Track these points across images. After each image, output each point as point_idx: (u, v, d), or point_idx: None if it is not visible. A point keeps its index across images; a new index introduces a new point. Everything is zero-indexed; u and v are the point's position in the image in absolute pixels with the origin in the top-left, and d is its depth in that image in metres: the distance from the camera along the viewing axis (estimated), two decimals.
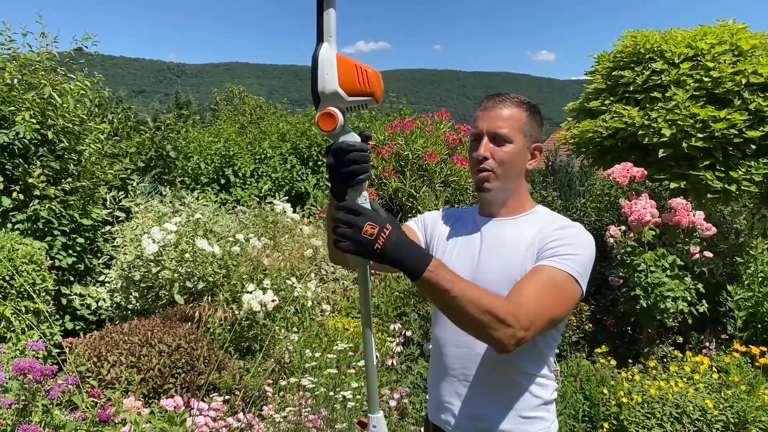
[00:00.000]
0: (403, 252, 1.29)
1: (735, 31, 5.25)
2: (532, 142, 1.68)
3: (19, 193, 4.86)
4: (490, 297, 1.40)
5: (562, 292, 1.52)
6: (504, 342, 1.40)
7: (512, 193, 1.69)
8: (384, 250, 1.27)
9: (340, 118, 1.25)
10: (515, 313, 1.40)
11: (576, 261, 1.54)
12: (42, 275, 4.18)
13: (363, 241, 1.26)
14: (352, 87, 1.25)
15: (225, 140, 8.90)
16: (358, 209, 1.27)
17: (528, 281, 1.52)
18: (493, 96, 1.69)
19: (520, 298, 1.46)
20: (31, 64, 5.28)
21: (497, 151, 1.63)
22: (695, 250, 4.85)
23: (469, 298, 1.35)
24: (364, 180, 1.30)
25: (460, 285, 1.36)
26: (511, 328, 1.39)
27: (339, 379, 3.52)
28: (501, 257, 1.63)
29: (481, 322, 1.37)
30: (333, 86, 1.24)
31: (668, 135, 4.85)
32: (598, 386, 4.39)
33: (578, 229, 1.61)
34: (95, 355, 3.42)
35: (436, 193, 6.40)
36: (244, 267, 4.33)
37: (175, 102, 42.54)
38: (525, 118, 1.65)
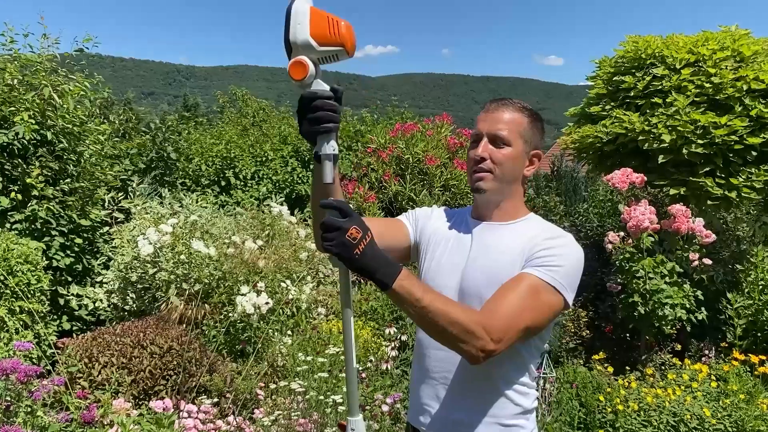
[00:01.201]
0: (378, 261, 1.34)
1: (737, 36, 5.21)
2: (531, 148, 1.68)
3: (17, 194, 4.87)
4: (460, 309, 1.42)
5: (540, 302, 1.50)
6: (473, 354, 1.42)
7: (507, 198, 1.69)
8: (362, 256, 1.31)
9: (310, 67, 1.30)
10: (486, 326, 1.41)
11: (559, 272, 1.53)
12: (37, 275, 4.18)
13: (346, 243, 1.30)
14: (324, 37, 1.30)
15: (226, 142, 8.91)
16: (347, 211, 1.32)
17: (507, 289, 1.51)
18: (497, 100, 1.70)
19: (496, 307, 1.46)
20: (32, 64, 5.30)
21: (495, 153, 1.63)
22: (694, 257, 4.81)
23: (438, 311, 1.37)
24: (332, 129, 1.35)
25: (430, 297, 1.38)
26: (481, 340, 1.40)
27: (331, 383, 3.50)
28: (488, 262, 1.62)
29: (450, 334, 1.40)
30: (304, 35, 1.29)
31: (668, 141, 4.81)
32: (594, 393, 4.35)
33: (567, 240, 1.60)
34: (87, 356, 3.41)
35: (435, 197, 6.38)
36: (239, 269, 4.32)
37: (183, 104, 42.68)
38: (526, 124, 1.66)
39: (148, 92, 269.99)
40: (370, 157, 7.10)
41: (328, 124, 1.34)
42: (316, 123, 1.34)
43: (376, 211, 6.46)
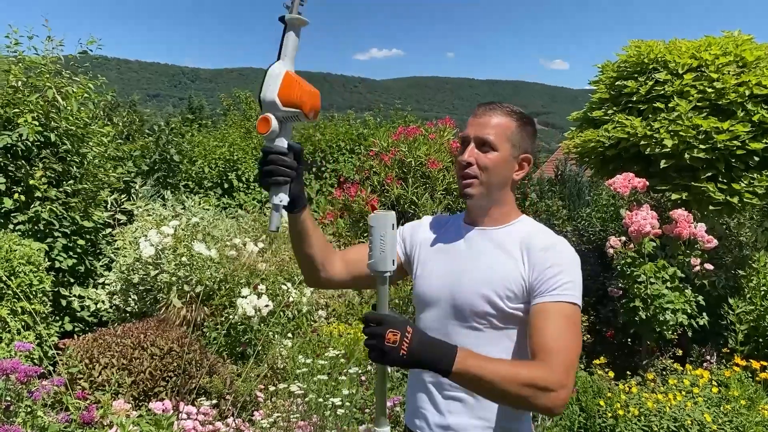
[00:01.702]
0: (428, 353, 1.31)
1: (740, 42, 5.21)
2: (520, 152, 1.66)
3: (20, 195, 4.90)
4: (525, 368, 1.40)
5: (576, 325, 1.52)
6: (550, 407, 1.39)
7: (496, 202, 1.67)
8: (410, 356, 1.28)
9: (273, 123, 1.43)
10: (552, 376, 1.39)
11: (572, 286, 1.53)
12: (39, 276, 4.20)
13: (387, 350, 1.28)
14: (287, 99, 1.43)
15: (230, 145, 8.94)
16: (378, 318, 1.31)
17: (545, 329, 1.48)
18: (486, 104, 1.68)
19: (548, 353, 1.44)
20: (36, 66, 5.33)
21: (481, 158, 1.62)
22: (696, 262, 4.80)
23: (504, 378, 1.35)
24: (281, 182, 1.46)
25: (490, 367, 1.35)
26: (553, 392, 1.37)
27: (330, 385, 3.51)
28: (481, 270, 1.61)
29: (522, 397, 1.37)
30: (272, 96, 1.43)
31: (670, 146, 4.81)
32: (594, 398, 4.34)
33: (563, 245, 1.59)
34: (87, 357, 3.43)
35: (437, 200, 6.39)
36: (240, 271, 4.34)
37: (188, 106, 42.77)
38: (514, 128, 1.64)
39: (154, 94, 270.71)
40: (372, 161, 7.11)
41: (278, 178, 1.46)
42: (267, 175, 1.46)
43: None
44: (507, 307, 1.56)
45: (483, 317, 1.58)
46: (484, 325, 1.58)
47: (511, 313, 1.56)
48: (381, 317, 1.31)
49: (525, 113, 1.68)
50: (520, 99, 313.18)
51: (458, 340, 1.57)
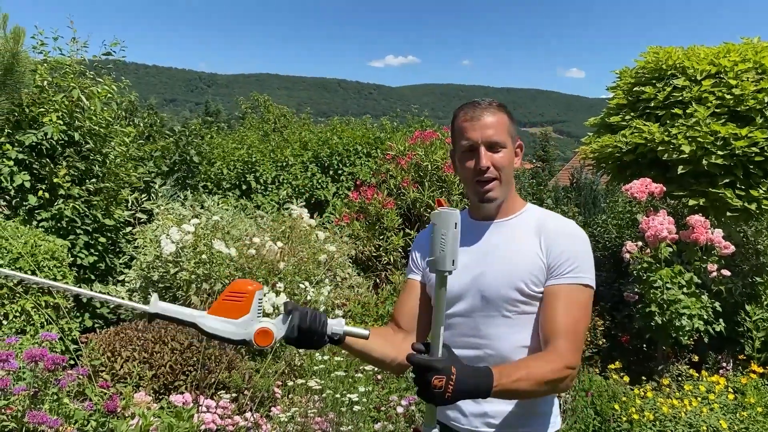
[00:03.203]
0: (470, 385, 1.37)
1: (759, 49, 5.20)
2: (515, 141, 1.73)
3: (44, 192, 4.99)
4: (544, 366, 1.51)
5: (585, 306, 1.63)
6: (566, 388, 1.64)
7: (508, 195, 1.73)
8: (455, 395, 1.35)
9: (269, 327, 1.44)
10: (563, 362, 1.53)
11: (584, 268, 1.63)
12: (63, 271, 4.28)
13: (435, 394, 1.34)
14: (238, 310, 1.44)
15: (248, 147, 9.03)
16: (423, 364, 1.34)
17: (555, 311, 1.60)
18: (472, 105, 1.72)
19: (557, 336, 1.57)
20: (61, 67, 5.44)
21: (496, 159, 1.66)
22: (713, 268, 4.80)
23: (536, 382, 1.48)
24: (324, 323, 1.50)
25: (520, 378, 1.46)
26: (567, 377, 1.54)
27: (347, 382, 3.55)
28: (506, 260, 1.66)
29: (548, 391, 1.56)
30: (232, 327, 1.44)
31: (688, 152, 4.81)
32: (609, 402, 4.34)
33: (573, 227, 1.68)
34: (109, 350, 3.49)
35: (453, 203, 6.42)
36: (258, 270, 4.39)
37: (205, 111, 43.19)
38: (507, 120, 1.71)
39: (170, 99, 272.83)
40: (389, 164, 7.16)
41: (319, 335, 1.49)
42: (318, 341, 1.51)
43: (394, 217, 6.51)
44: (533, 292, 1.63)
45: (513, 305, 1.64)
46: (513, 312, 1.64)
47: (537, 296, 1.64)
48: (426, 364, 1.34)
49: (503, 104, 1.75)
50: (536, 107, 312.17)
51: (489, 330, 1.66)
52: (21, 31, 4.95)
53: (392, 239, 6.30)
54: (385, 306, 5.07)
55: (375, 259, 6.38)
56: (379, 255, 6.34)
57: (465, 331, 1.68)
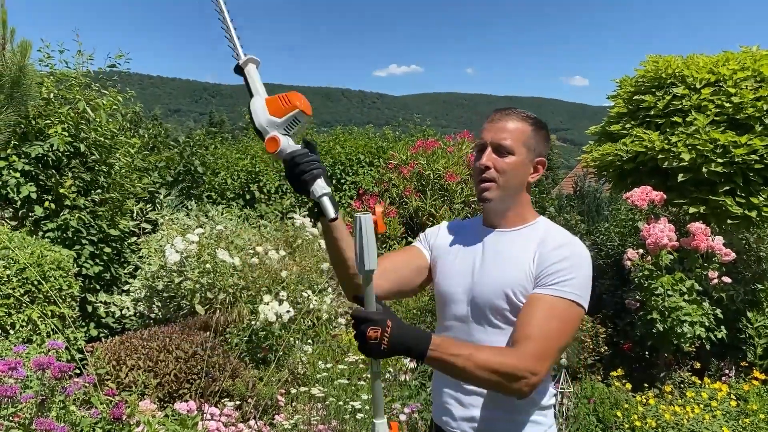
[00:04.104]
0: (405, 342, 1.41)
1: (758, 57, 5.24)
2: (535, 156, 1.71)
3: (50, 203, 5.05)
4: (496, 356, 1.49)
5: (565, 321, 1.57)
6: (519, 392, 1.50)
7: (513, 205, 1.72)
8: (390, 348, 1.39)
9: (281, 140, 1.53)
10: (522, 363, 1.48)
11: (574, 284, 1.58)
12: (68, 281, 4.32)
13: (370, 346, 1.39)
14: (280, 110, 1.53)
15: (252, 157, 9.09)
16: (360, 316, 1.40)
17: (530, 316, 1.56)
18: (501, 109, 1.74)
19: (524, 337, 1.53)
20: (66, 79, 5.51)
21: (499, 162, 1.66)
22: (714, 275, 4.81)
23: (475, 364, 1.45)
24: (316, 175, 1.52)
25: (464, 354, 1.46)
26: (523, 379, 1.48)
27: (350, 390, 3.57)
28: (499, 269, 1.67)
29: (492, 382, 1.49)
30: (266, 117, 1.54)
31: (687, 159, 4.84)
32: (611, 409, 4.35)
33: (575, 246, 1.64)
34: (115, 359, 3.53)
35: (455, 212, 6.45)
36: (262, 279, 4.43)
37: (209, 121, 43.36)
38: (530, 132, 1.69)
39: (175, 109, 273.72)
40: (391, 173, 7.21)
41: (312, 171, 1.51)
42: (299, 176, 1.52)
43: (396, 225, 6.55)
44: (520, 302, 1.62)
45: (501, 313, 1.64)
46: (501, 321, 1.64)
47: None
48: (363, 316, 1.40)
49: (539, 119, 1.74)
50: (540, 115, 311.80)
51: (481, 336, 1.66)
52: (28, 44, 5.00)
53: (394, 248, 6.34)
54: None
55: None
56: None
57: (460, 336, 1.69)
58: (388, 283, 1.78)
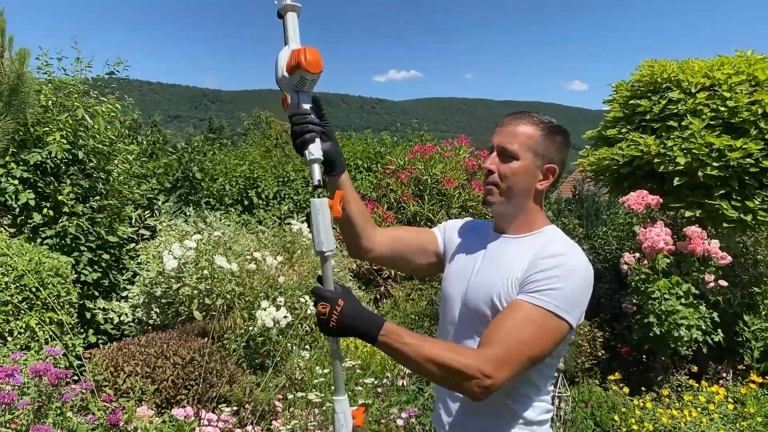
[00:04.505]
0: (356, 323, 1.45)
1: (753, 61, 5.27)
2: (544, 162, 1.64)
3: (49, 210, 5.07)
4: (447, 352, 1.46)
5: (539, 331, 1.48)
6: (471, 393, 1.46)
7: (519, 212, 1.67)
8: (339, 326, 1.44)
9: (288, 98, 1.56)
10: (474, 363, 1.43)
11: (556, 295, 1.49)
12: (67, 288, 4.33)
13: (320, 321, 1.46)
14: (289, 68, 1.53)
15: (250, 163, 9.12)
16: (314, 292, 1.48)
17: (502, 320, 1.52)
18: (514, 113, 1.69)
19: (490, 340, 1.48)
20: (65, 87, 5.53)
21: (502, 167, 1.63)
22: (710, 278, 4.83)
23: (424, 357, 1.44)
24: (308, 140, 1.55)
25: (414, 344, 1.45)
26: (473, 379, 1.42)
27: (347, 395, 3.58)
28: (489, 275, 1.63)
29: (441, 377, 1.47)
30: (281, 72, 1.55)
31: (683, 163, 4.87)
32: (609, 413, 4.37)
33: (569, 257, 1.55)
34: (112, 365, 3.54)
35: (453, 216, 6.47)
36: (260, 284, 4.45)
37: (209, 127, 43.45)
38: (539, 137, 1.63)
39: (174, 115, 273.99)
40: (389, 178, 7.22)
41: (305, 136, 1.54)
42: (296, 137, 1.56)
43: None
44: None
45: (485, 321, 1.58)
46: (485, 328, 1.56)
47: None
48: (316, 292, 1.47)
49: (555, 123, 1.68)
50: None
51: (467, 344, 1.62)
52: (26, 52, 5.03)
53: None
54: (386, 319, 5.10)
55: (376, 272, 6.43)
56: (379, 268, 6.39)
57: (458, 338, 1.67)
58: (388, 250, 1.82)
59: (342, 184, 1.68)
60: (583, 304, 1.55)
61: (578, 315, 1.54)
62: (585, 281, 1.54)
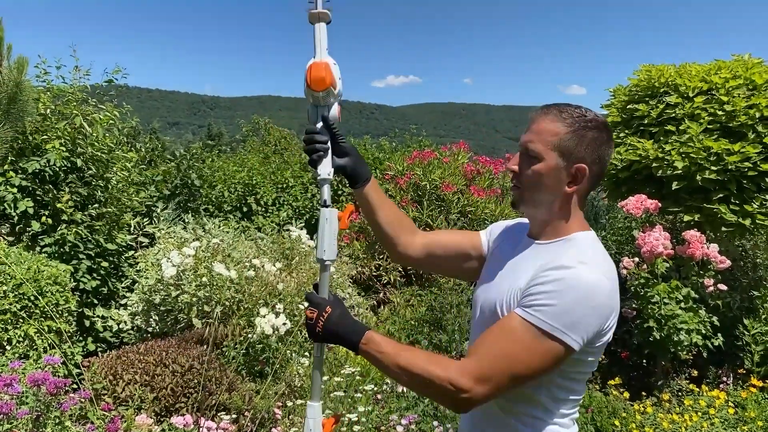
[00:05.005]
0: (339, 330, 1.48)
1: (750, 65, 5.28)
2: (573, 162, 1.47)
3: (47, 218, 5.06)
4: (423, 362, 1.42)
5: (525, 348, 1.38)
6: (447, 404, 1.45)
7: (547, 216, 1.54)
8: (324, 332, 1.48)
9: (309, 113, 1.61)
10: (446, 374, 1.38)
11: (547, 311, 1.36)
12: (65, 296, 4.32)
13: (308, 326, 1.51)
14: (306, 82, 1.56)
15: (249, 170, 9.13)
16: (306, 297, 1.53)
17: (491, 331, 1.45)
18: (544, 106, 1.53)
19: (474, 351, 1.44)
20: (64, 95, 5.54)
21: (524, 168, 1.51)
22: (709, 282, 4.83)
23: (398, 366, 1.43)
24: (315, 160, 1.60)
25: (390, 353, 1.45)
26: (447, 391, 1.38)
27: (346, 402, 3.58)
28: (502, 282, 1.55)
29: (417, 387, 1.47)
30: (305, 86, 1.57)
31: (681, 167, 4.88)
32: (609, 418, 4.36)
33: (576, 272, 1.38)
34: (111, 374, 3.53)
35: (452, 222, 6.47)
36: (258, 291, 4.44)
37: (208, 134, 43.51)
38: (564, 134, 1.46)
39: (173, 122, 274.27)
40: (388, 184, 7.23)
41: (312, 156, 1.60)
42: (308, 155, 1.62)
43: None
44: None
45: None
46: None
47: None
48: (307, 297, 1.52)
49: (588, 116, 1.49)
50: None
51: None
52: (24, 60, 5.04)
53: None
54: (385, 326, 5.10)
55: (375, 278, 6.42)
56: (379, 275, 6.39)
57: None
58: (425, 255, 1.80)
59: (367, 195, 1.70)
60: (588, 326, 1.38)
61: (582, 337, 1.37)
62: (588, 300, 1.37)
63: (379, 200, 1.73)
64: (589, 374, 1.56)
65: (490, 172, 7.24)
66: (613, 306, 1.43)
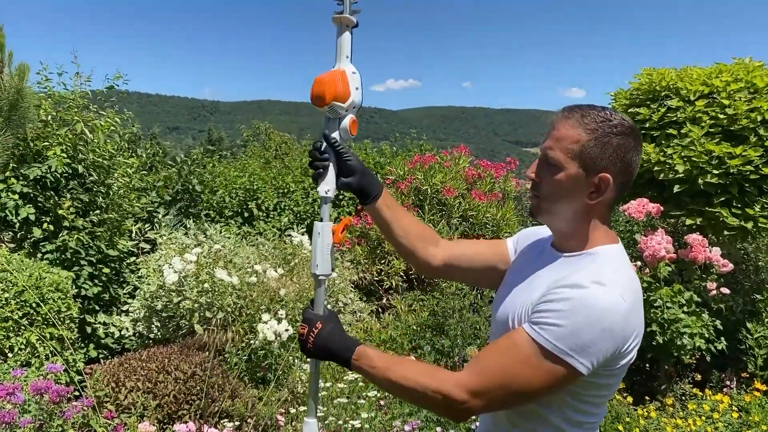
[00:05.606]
0: (330, 345, 1.48)
1: (751, 68, 5.28)
2: (595, 171, 1.37)
3: (49, 224, 5.06)
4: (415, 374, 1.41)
5: (528, 366, 1.32)
6: (444, 415, 1.44)
7: (568, 228, 1.46)
8: (315, 347, 1.49)
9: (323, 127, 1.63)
10: (436, 385, 1.37)
11: (557, 332, 1.29)
12: (67, 303, 4.32)
13: (300, 342, 1.52)
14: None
15: (250, 175, 9.12)
16: (302, 313, 1.55)
17: (496, 343, 1.41)
18: (567, 108, 1.43)
19: (475, 362, 1.40)
20: (65, 101, 5.54)
21: (543, 176, 1.43)
22: (712, 286, 4.83)
23: (390, 380, 1.42)
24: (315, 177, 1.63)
25: (381, 367, 1.44)
26: (442, 402, 1.36)
27: (350, 409, 3.57)
28: (517, 295, 1.49)
29: (411, 400, 1.46)
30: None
31: (682, 171, 4.87)
32: (613, 423, 4.34)
33: (590, 291, 1.30)
34: (113, 381, 3.52)
35: (453, 227, 6.46)
36: (260, 297, 4.43)
37: (208, 138, 43.55)
38: (587, 141, 1.37)
39: (173, 127, 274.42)
40: (389, 188, 7.22)
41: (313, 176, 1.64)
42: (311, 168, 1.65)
43: None
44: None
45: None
46: None
47: None
48: (302, 313, 1.53)
49: (614, 121, 1.38)
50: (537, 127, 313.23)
51: None
52: (26, 67, 5.05)
53: (394, 263, 6.34)
54: (388, 331, 5.09)
55: (377, 283, 6.42)
56: (381, 279, 6.38)
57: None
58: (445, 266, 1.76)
59: (379, 210, 1.68)
60: (600, 350, 1.29)
61: (591, 361, 1.30)
62: (599, 323, 1.28)
63: (392, 216, 1.70)
64: (609, 396, 1.47)
65: (491, 176, 7.23)
66: (629, 328, 1.33)
